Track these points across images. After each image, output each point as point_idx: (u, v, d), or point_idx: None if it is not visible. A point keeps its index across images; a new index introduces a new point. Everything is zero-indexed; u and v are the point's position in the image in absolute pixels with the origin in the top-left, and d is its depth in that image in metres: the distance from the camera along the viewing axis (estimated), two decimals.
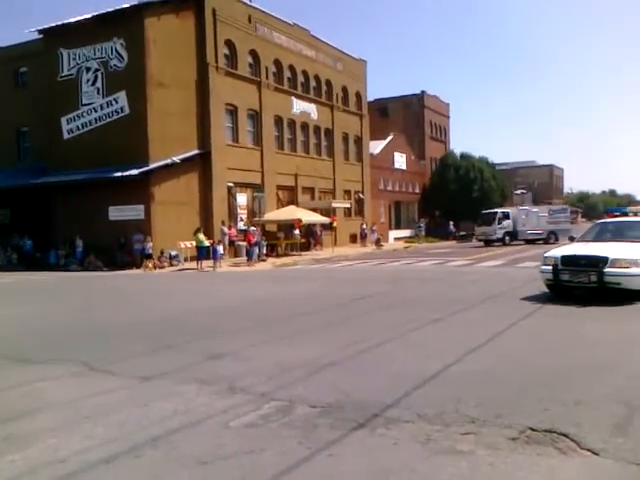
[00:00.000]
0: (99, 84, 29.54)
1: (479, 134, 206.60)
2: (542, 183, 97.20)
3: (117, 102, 28.92)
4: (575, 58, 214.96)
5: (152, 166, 27.70)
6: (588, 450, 4.14)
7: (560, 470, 3.88)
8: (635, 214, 31.71)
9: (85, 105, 29.85)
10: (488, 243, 38.81)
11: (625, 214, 33.03)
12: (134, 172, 26.82)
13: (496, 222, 38.86)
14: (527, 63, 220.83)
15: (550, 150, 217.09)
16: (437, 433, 4.54)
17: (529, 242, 38.62)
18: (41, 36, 31.36)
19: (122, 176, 26.86)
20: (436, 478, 3.80)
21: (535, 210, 41.26)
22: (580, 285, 11.35)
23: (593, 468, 3.91)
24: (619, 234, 12.81)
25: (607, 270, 10.75)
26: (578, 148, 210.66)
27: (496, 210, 40.87)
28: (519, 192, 79.53)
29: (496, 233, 38.69)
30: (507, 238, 38.83)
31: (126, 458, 4.29)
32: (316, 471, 3.98)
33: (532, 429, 4.55)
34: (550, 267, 11.55)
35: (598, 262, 10.92)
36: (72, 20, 29.92)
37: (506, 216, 39.65)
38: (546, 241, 38.40)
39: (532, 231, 39.28)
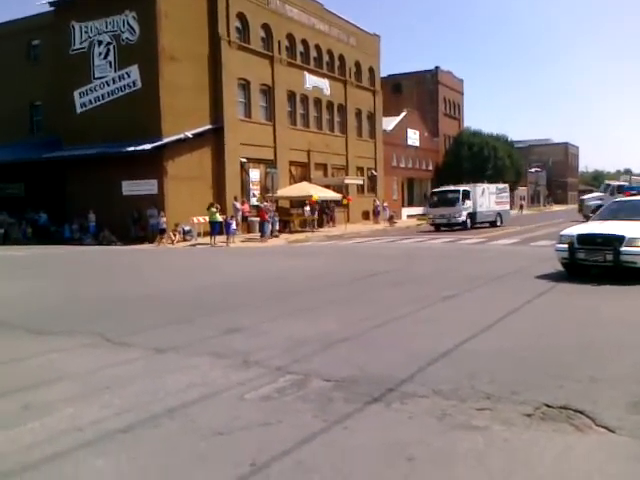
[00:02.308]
0: (111, 57, 29.43)
1: (494, 111, 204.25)
2: (557, 161, 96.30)
3: (129, 76, 28.83)
4: (593, 37, 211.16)
5: (165, 140, 27.70)
6: (604, 427, 4.13)
7: (576, 447, 3.86)
8: None
9: (97, 79, 29.78)
10: (439, 228, 33.34)
11: None
12: (147, 147, 26.82)
13: (460, 202, 32.96)
14: (544, 42, 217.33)
15: (566, 128, 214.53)
16: (452, 408, 4.54)
17: (477, 225, 34.13)
18: (52, 9, 31.20)
19: (135, 150, 26.88)
20: (452, 452, 3.80)
21: (490, 188, 36.76)
22: (596, 264, 11.26)
23: (609, 445, 3.89)
24: (636, 213, 12.64)
25: (623, 249, 10.65)
26: (594, 127, 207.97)
27: (458, 188, 34.99)
28: (534, 170, 78.78)
29: (461, 215, 32.90)
30: (468, 221, 33.38)
31: (143, 428, 4.33)
32: (331, 444, 3.99)
33: (547, 405, 4.54)
34: (566, 245, 11.45)
35: (614, 241, 10.81)
36: None
37: (468, 195, 33.86)
38: (493, 224, 35.19)
39: (487, 212, 35.17)
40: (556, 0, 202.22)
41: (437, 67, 60.29)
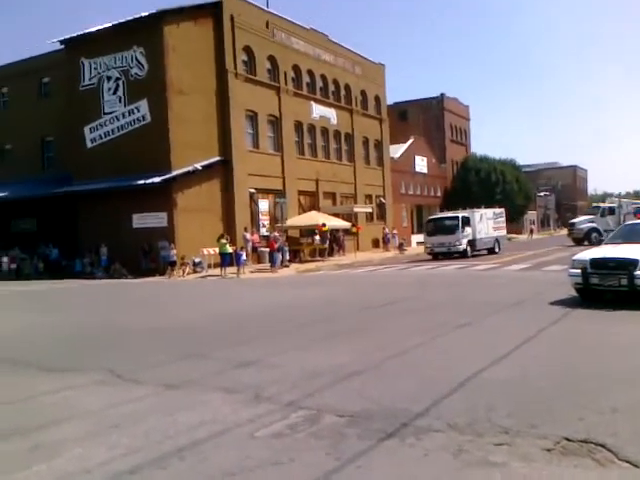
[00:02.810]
0: (120, 92, 29.86)
1: (501, 137, 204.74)
2: (566, 184, 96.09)
3: (139, 110, 29.19)
4: (597, 59, 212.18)
5: (174, 173, 27.90)
6: (626, 461, 3.99)
7: None
8: None
9: (107, 114, 30.18)
10: (437, 257, 31.25)
11: None
12: (157, 179, 27.03)
13: (460, 229, 30.93)
14: (550, 65, 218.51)
15: (574, 151, 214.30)
16: (469, 443, 4.41)
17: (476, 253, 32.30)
18: (63, 47, 31.82)
19: (145, 184, 27.10)
20: None
21: (488, 213, 34.73)
22: (610, 289, 11.10)
23: None
24: None
25: (638, 273, 10.49)
26: (602, 149, 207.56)
27: (457, 214, 32.96)
28: (542, 194, 78.60)
29: (461, 243, 30.86)
30: (469, 249, 31.36)
31: (151, 469, 4.23)
32: None
33: (568, 439, 4.40)
34: (579, 270, 11.31)
35: (628, 265, 10.67)
36: (93, 29, 30.30)
37: (467, 222, 31.82)
38: (491, 251, 33.25)
39: (486, 239, 33.10)
40: (564, 24, 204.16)
41: (442, 94, 60.74)
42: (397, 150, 50.49)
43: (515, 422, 4.79)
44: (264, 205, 33.57)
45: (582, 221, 39.71)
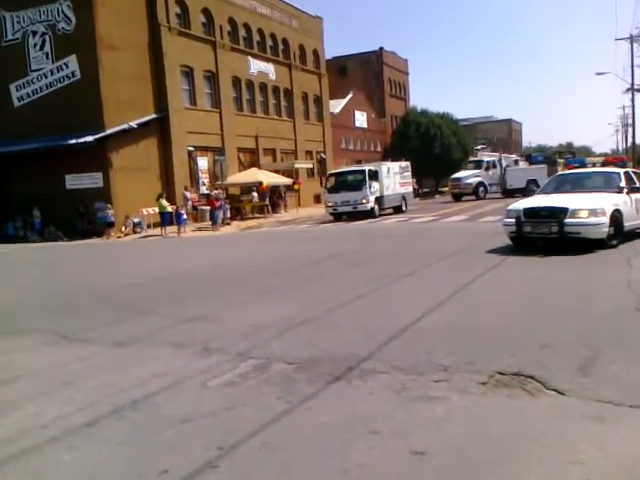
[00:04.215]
0: (47, 48, 28.54)
1: (438, 91, 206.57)
2: (501, 138, 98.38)
3: (67, 67, 28.02)
4: (536, 17, 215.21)
5: (108, 132, 27.06)
6: (554, 390, 4.34)
7: (529, 410, 4.06)
8: (593, 165, 32.55)
9: (34, 71, 28.84)
10: (341, 217, 27.78)
11: (584, 165, 33.87)
12: (89, 139, 26.16)
13: (367, 185, 27.24)
14: (487, 21, 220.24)
15: (509, 106, 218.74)
16: (411, 382, 4.69)
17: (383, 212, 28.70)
18: None
19: (77, 143, 26.14)
20: (413, 423, 3.95)
21: (394, 167, 31.17)
22: (542, 236, 11.65)
23: (559, 407, 4.10)
24: (578, 185, 13.16)
25: (567, 220, 11.04)
26: (536, 103, 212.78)
27: (363, 167, 29.32)
28: (479, 147, 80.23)
29: (369, 201, 27.29)
30: (376, 207, 27.86)
31: (108, 421, 4.33)
32: (297, 423, 4.09)
33: (501, 373, 4.74)
34: (513, 220, 11.81)
35: (559, 213, 11.20)
36: None
37: (375, 176, 28.31)
38: (398, 209, 30.04)
39: (393, 196, 29.82)
40: None
41: (381, 48, 60.57)
42: (337, 105, 50.38)
43: (453, 361, 5.11)
44: (203, 163, 33.10)
45: (469, 175, 38.08)
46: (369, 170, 28.00)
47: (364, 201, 27.15)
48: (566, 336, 5.71)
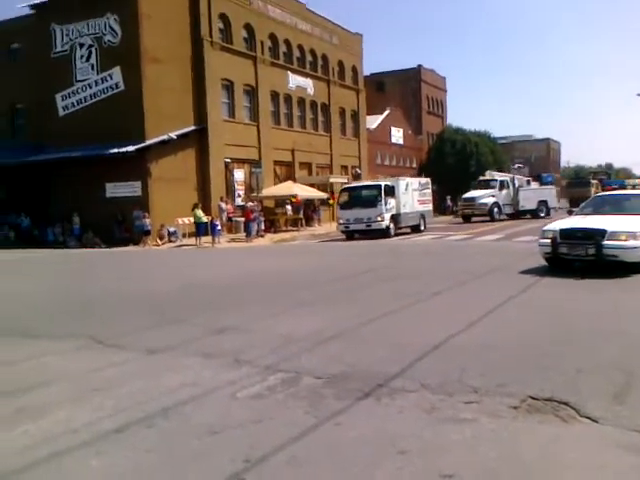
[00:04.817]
0: (93, 60, 29.32)
1: (477, 109, 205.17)
2: (539, 157, 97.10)
3: (112, 78, 28.72)
4: (575, 35, 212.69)
5: (148, 142, 27.63)
6: (587, 417, 4.23)
7: (561, 437, 3.97)
8: (633, 187, 31.89)
9: (79, 81, 29.65)
10: (353, 235, 26.27)
11: (623, 187, 33.21)
12: (130, 148, 26.75)
13: (383, 202, 25.44)
14: (526, 39, 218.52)
15: (548, 124, 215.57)
16: (440, 402, 4.63)
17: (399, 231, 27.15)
18: (32, 12, 30.96)
19: (118, 152, 26.80)
20: (442, 444, 3.89)
21: (413, 183, 29.63)
22: (578, 258, 11.44)
23: (592, 435, 4.00)
24: (617, 207, 12.88)
25: (605, 243, 10.82)
26: (576, 123, 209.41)
27: (379, 182, 27.79)
28: (516, 166, 79.34)
29: (384, 219, 25.41)
30: (392, 225, 26.06)
31: (138, 428, 4.38)
32: (323, 439, 4.07)
33: (533, 398, 4.64)
34: (549, 240, 11.63)
35: (596, 235, 11.00)
36: None
37: (391, 192, 26.50)
38: (416, 228, 28.33)
39: (411, 214, 28.06)
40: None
41: (419, 65, 60.65)
42: (373, 121, 50.49)
43: (484, 382, 5.03)
44: (239, 175, 33.48)
45: (483, 195, 35.63)
46: (385, 185, 26.32)
47: (379, 219, 25.32)
48: (601, 361, 5.58)
